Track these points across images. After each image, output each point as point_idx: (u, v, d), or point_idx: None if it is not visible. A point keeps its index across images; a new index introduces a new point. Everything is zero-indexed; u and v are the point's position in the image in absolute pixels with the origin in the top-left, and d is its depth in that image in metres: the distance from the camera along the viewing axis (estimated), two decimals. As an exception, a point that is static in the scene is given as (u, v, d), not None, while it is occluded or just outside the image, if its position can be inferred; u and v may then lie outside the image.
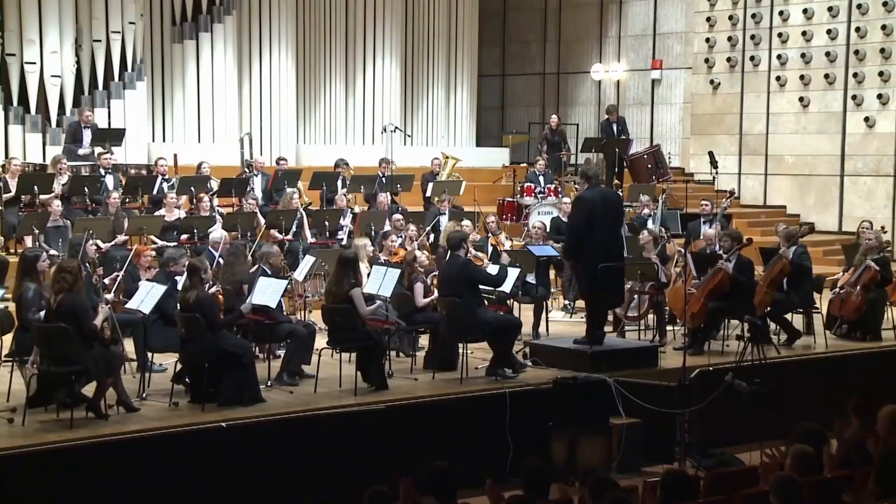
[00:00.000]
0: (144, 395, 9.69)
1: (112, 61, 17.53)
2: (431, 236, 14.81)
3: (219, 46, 18.67)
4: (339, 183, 16.29)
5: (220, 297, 10.05)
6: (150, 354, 10.21)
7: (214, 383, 9.53)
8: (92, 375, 9.08)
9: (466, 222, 14.02)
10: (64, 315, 9.06)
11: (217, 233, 12.96)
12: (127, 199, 14.57)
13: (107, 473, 8.30)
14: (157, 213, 14.33)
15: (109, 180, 14.82)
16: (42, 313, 9.34)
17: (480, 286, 10.86)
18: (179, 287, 10.19)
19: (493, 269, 11.51)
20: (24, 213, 13.70)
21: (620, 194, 14.41)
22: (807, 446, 6.85)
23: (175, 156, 16.19)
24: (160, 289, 10.20)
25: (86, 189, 14.38)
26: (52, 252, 11.54)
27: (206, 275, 10.02)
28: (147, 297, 10.12)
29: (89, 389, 9.11)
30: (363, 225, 14.38)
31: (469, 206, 16.62)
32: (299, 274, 12.36)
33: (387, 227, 14.17)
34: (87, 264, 10.48)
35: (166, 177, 15.09)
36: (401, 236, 13.36)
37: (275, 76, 19.46)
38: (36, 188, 14.20)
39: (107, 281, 10.99)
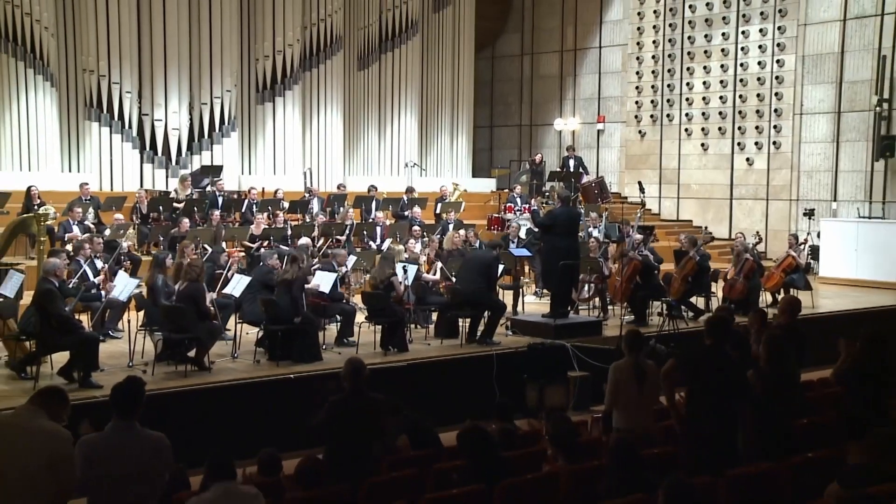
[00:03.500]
0: (236, 354, 9.70)
1: (214, 117, 17.55)
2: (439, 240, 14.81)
3: (289, 107, 18.66)
4: (374, 204, 16.31)
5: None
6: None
7: (286, 346, 9.54)
8: (200, 342, 9.10)
9: (461, 231, 14.00)
10: (186, 297, 9.08)
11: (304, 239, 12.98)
12: (224, 216, 14.59)
13: (210, 409, 8.32)
14: (243, 226, 14.33)
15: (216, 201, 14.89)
16: (172, 298, 9.39)
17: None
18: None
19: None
20: (152, 227, 13.72)
21: (581, 212, 14.48)
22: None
23: (263, 188, 16.22)
24: (246, 279, 10.21)
25: (195, 209, 14.40)
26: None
27: (304, 263, 10.09)
28: (237, 285, 10.15)
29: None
30: (392, 233, 14.39)
31: (468, 220, 16.59)
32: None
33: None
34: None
35: (255, 201, 15.08)
36: (418, 241, 13.35)
37: (328, 127, 19.43)
38: (161, 208, 14.24)
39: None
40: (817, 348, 7.87)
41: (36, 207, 13.09)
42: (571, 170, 19.59)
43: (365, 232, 14.63)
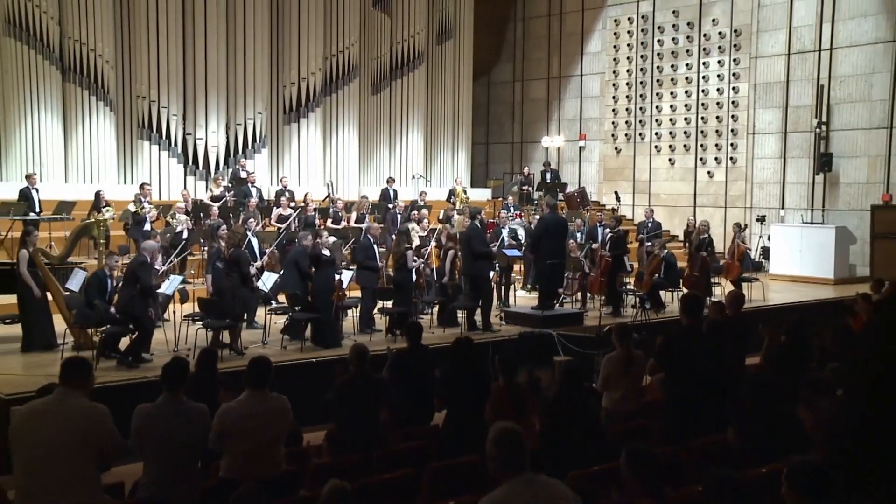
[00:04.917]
0: (266, 341, 9.72)
1: (248, 136, 17.56)
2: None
3: (312, 126, 18.64)
4: (392, 193, 16.24)
5: None
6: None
7: (313, 330, 9.55)
8: (235, 318, 9.10)
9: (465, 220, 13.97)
10: (233, 263, 9.13)
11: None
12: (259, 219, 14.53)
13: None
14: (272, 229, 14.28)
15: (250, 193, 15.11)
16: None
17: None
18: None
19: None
20: (194, 230, 13.71)
21: (566, 217, 14.51)
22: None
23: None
24: (274, 276, 10.23)
25: (230, 215, 14.35)
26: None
27: (320, 239, 10.07)
28: (268, 280, 10.16)
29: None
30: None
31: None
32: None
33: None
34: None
35: (280, 208, 15.04)
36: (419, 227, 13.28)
37: (345, 144, 19.39)
38: (201, 214, 14.23)
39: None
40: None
41: (102, 208, 13.21)
42: (548, 181, 19.71)
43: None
